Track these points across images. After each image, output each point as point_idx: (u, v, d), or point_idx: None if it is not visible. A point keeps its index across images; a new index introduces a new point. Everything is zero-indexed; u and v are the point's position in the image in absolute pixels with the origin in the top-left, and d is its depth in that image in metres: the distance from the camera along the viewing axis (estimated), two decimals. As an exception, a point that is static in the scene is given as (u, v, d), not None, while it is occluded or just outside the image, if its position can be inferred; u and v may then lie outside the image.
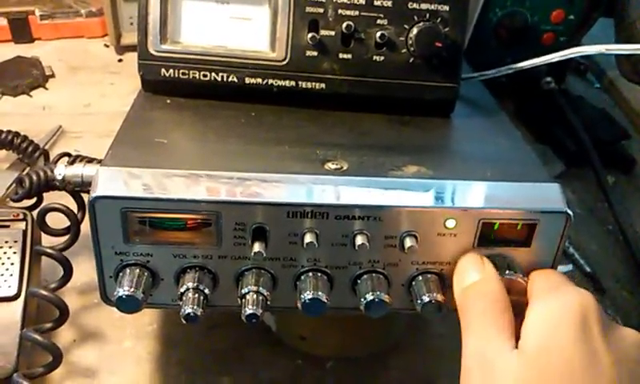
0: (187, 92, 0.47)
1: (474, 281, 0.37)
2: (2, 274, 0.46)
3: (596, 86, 0.97)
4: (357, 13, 0.45)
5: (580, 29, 0.78)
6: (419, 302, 0.39)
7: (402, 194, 0.38)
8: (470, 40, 0.74)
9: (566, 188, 0.39)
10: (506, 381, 0.33)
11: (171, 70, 0.46)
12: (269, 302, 0.38)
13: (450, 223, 0.38)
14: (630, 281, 0.65)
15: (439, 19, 0.46)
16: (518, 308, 0.36)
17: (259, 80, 0.46)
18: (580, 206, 0.74)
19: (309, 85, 0.46)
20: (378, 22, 0.45)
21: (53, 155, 0.60)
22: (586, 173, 0.76)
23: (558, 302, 0.35)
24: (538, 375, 0.32)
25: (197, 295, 0.38)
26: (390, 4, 0.45)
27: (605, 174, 0.74)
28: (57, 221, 0.44)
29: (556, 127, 0.80)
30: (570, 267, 0.65)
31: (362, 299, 0.38)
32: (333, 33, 0.45)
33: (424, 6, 0.45)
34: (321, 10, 0.45)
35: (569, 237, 0.39)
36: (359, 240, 0.37)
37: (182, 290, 0.38)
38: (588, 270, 0.65)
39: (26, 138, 0.64)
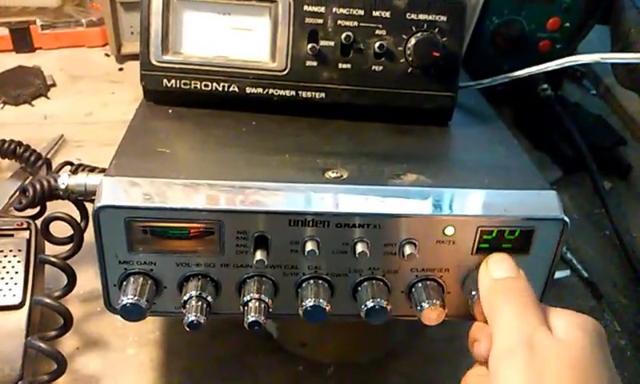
0: (189, 102, 0.47)
1: (509, 276, 0.38)
2: (7, 283, 0.47)
3: (592, 92, 0.98)
4: (356, 23, 0.46)
5: (576, 36, 0.79)
6: (419, 308, 0.39)
7: (401, 202, 0.38)
8: (467, 48, 0.75)
9: (563, 194, 0.40)
10: (555, 363, 0.33)
11: (173, 81, 0.47)
12: (271, 310, 0.39)
13: (449, 230, 0.38)
14: (627, 286, 0.66)
15: (437, 29, 0.46)
16: None
17: (260, 90, 0.47)
18: (577, 212, 0.75)
19: (309, 94, 0.47)
20: (377, 32, 0.46)
21: (55, 164, 0.61)
22: (583, 179, 0.77)
23: (579, 317, 0.36)
24: (583, 363, 0.33)
25: (200, 303, 0.38)
26: (388, 15, 0.46)
27: (601, 179, 0.75)
28: (60, 229, 0.45)
29: (553, 134, 0.81)
30: (567, 272, 0.66)
31: (363, 306, 0.39)
32: (332, 43, 0.46)
33: (422, 17, 0.46)
34: (320, 21, 0.46)
35: (566, 242, 0.40)
36: (359, 248, 0.38)
37: (185, 298, 0.38)
38: (585, 275, 0.66)
39: (28, 147, 0.65)
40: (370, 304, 0.39)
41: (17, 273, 0.48)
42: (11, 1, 0.97)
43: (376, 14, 0.46)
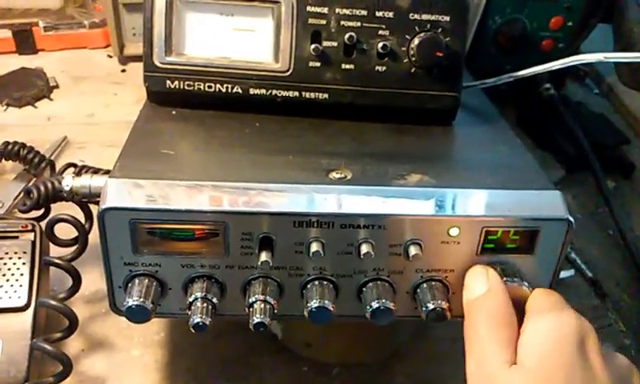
0: (192, 103, 0.47)
1: (480, 294, 0.38)
2: (12, 285, 0.47)
3: (595, 91, 0.98)
4: (359, 24, 0.46)
5: (579, 35, 0.79)
6: (424, 309, 0.39)
7: (405, 202, 0.39)
8: (469, 47, 0.75)
9: (566, 193, 0.40)
10: None
11: (176, 82, 0.47)
12: (276, 311, 0.39)
13: (454, 231, 0.38)
14: (631, 285, 0.66)
15: (440, 29, 0.46)
16: (521, 315, 0.37)
17: (263, 91, 0.47)
18: (581, 211, 0.74)
19: (312, 95, 0.47)
20: (380, 32, 0.46)
21: (58, 165, 0.61)
22: (587, 178, 0.77)
23: (557, 321, 0.35)
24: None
25: (205, 304, 0.38)
26: (391, 15, 0.46)
27: (605, 178, 0.74)
28: (65, 231, 0.45)
29: (556, 133, 0.81)
30: (571, 272, 0.66)
31: (368, 307, 0.39)
32: (335, 44, 0.46)
33: (425, 17, 0.46)
34: (323, 22, 0.46)
35: (570, 242, 0.40)
36: (364, 248, 0.38)
37: (190, 299, 0.39)
38: (589, 274, 0.66)
39: (31, 148, 0.65)
40: (375, 305, 0.39)
41: (22, 275, 0.48)
42: (13, 3, 0.97)
43: (379, 14, 0.46)
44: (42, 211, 0.47)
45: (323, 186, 0.39)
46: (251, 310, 0.38)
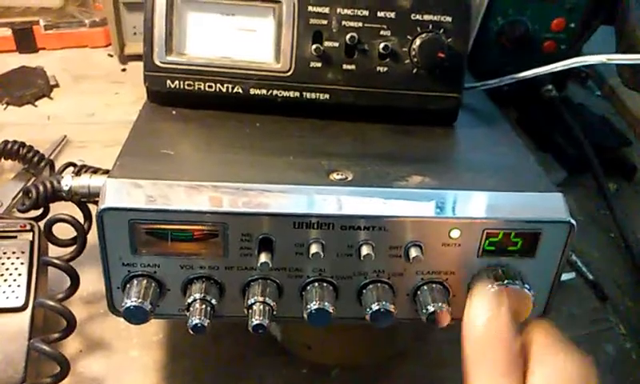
0: (192, 103, 0.47)
1: (487, 318, 0.36)
2: (10, 285, 0.47)
3: (597, 93, 0.98)
4: (360, 24, 0.46)
5: (581, 37, 0.78)
6: (424, 311, 0.39)
7: (406, 204, 0.38)
8: (471, 48, 0.75)
9: (568, 196, 0.40)
10: None
11: (177, 82, 0.46)
12: (275, 312, 0.39)
13: (455, 233, 0.38)
14: (632, 288, 0.66)
15: (442, 30, 0.46)
16: (522, 326, 0.36)
17: (264, 91, 0.47)
18: (582, 214, 0.74)
19: (313, 95, 0.47)
20: (382, 33, 0.46)
21: (58, 165, 0.61)
22: (588, 180, 0.76)
23: (563, 364, 0.35)
24: None
25: (204, 306, 0.38)
26: (393, 15, 0.46)
27: (606, 181, 0.74)
28: (63, 231, 0.45)
29: (557, 135, 0.81)
30: (572, 275, 0.65)
31: (368, 309, 0.39)
32: (337, 44, 0.46)
33: (427, 18, 0.46)
34: (325, 22, 0.46)
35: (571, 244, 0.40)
36: (364, 250, 0.38)
37: (189, 300, 0.38)
38: (590, 277, 0.65)
39: (31, 147, 0.65)
40: (375, 307, 0.38)
41: (20, 275, 0.47)
42: (14, 1, 0.97)
43: (381, 14, 0.46)
44: (40, 211, 0.47)
45: (324, 186, 0.39)
46: (250, 311, 0.38)
